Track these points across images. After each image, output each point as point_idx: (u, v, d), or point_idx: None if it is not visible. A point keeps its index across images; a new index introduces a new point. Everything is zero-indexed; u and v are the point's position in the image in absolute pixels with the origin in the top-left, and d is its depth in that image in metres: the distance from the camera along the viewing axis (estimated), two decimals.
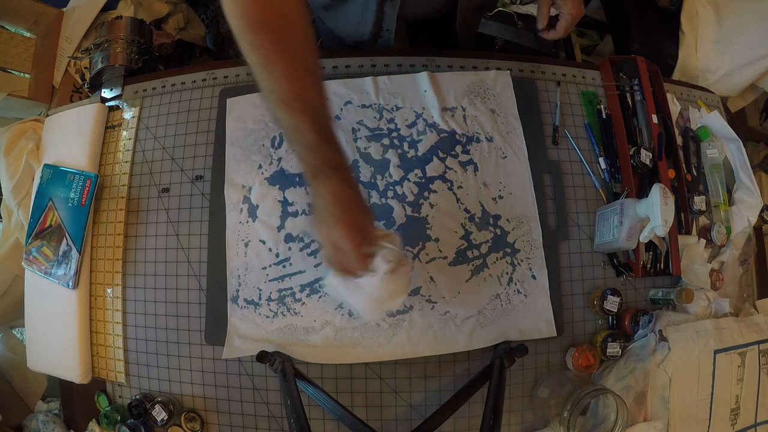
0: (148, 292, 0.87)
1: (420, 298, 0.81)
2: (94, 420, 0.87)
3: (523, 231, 0.85)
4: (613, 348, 0.81)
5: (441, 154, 0.87)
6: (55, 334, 0.90)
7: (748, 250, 0.96)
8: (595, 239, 0.88)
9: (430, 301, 0.81)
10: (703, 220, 0.94)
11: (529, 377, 0.82)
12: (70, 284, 0.88)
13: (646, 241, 0.78)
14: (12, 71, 1.18)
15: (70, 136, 0.96)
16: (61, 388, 0.95)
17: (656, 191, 0.73)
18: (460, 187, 0.86)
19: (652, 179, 0.89)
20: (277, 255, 0.83)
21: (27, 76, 1.19)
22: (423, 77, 0.91)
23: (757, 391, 0.86)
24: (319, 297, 0.81)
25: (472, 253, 0.83)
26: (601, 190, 0.91)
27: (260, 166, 0.88)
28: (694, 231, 0.93)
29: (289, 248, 0.83)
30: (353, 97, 0.91)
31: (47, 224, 0.91)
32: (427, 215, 0.84)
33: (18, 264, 0.97)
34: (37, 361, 0.94)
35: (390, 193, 0.85)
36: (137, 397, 0.84)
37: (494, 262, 0.83)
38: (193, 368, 0.84)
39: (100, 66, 1.01)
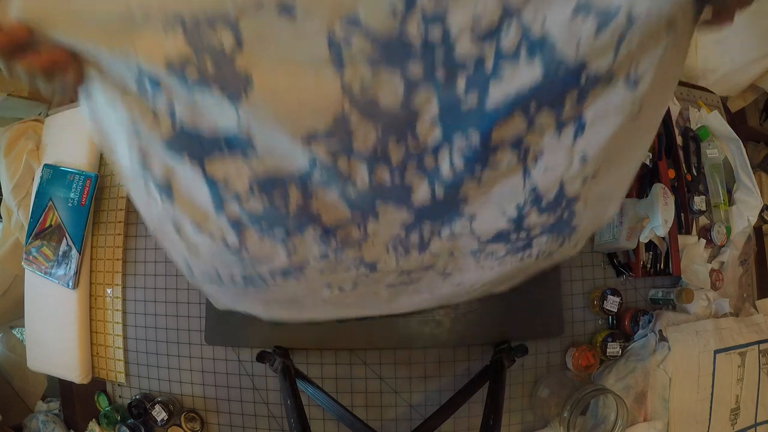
0: (148, 292, 0.87)
1: (433, 273, 0.61)
2: (94, 420, 0.87)
3: (596, 213, 0.59)
4: (613, 348, 0.81)
5: (533, 107, 0.46)
6: (55, 334, 0.90)
7: (748, 250, 0.96)
8: (595, 239, 0.88)
9: (444, 273, 0.62)
10: (703, 220, 0.94)
11: (529, 377, 0.82)
12: (70, 284, 0.88)
13: (646, 241, 0.78)
14: None
15: (70, 136, 0.96)
16: (61, 388, 0.95)
17: (656, 191, 0.73)
18: (537, 158, 0.51)
19: (652, 179, 0.89)
20: (225, 243, 0.60)
21: None
22: None
23: (757, 391, 0.86)
24: (298, 279, 0.62)
25: (518, 236, 0.58)
26: None
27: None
28: (694, 231, 0.93)
29: (241, 237, 0.59)
30: None
31: (47, 224, 0.91)
32: (467, 195, 0.54)
33: (18, 264, 0.97)
34: (37, 361, 0.94)
35: (412, 167, 0.51)
36: (137, 397, 0.84)
37: (541, 243, 0.59)
38: (193, 368, 0.84)
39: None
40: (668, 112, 0.96)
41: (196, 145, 0.50)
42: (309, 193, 0.53)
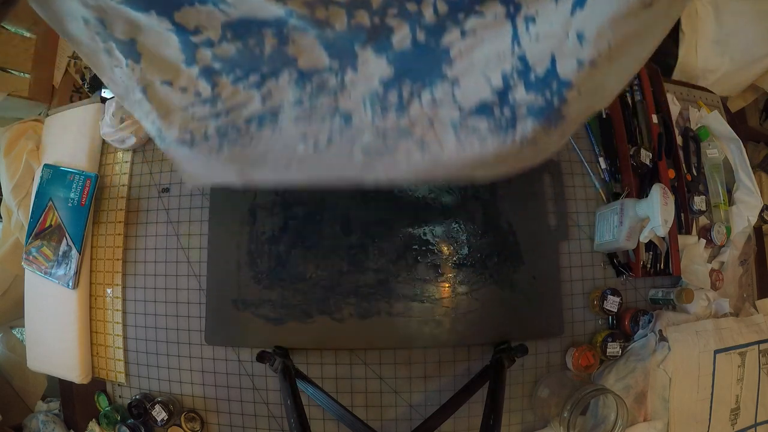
0: (148, 292, 0.87)
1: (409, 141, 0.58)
2: (94, 420, 0.87)
3: (588, 105, 0.55)
4: (613, 348, 0.81)
5: None
6: (55, 334, 0.90)
7: (748, 250, 0.96)
8: (595, 239, 0.88)
9: (422, 143, 0.58)
10: (703, 220, 0.94)
11: (529, 377, 0.82)
12: (70, 284, 0.88)
13: (646, 241, 0.78)
14: (12, 71, 1.18)
15: (70, 136, 0.96)
16: (61, 388, 0.95)
17: (656, 191, 0.73)
18: (528, 21, 0.50)
19: (652, 179, 0.89)
20: (198, 94, 0.60)
21: (27, 76, 1.19)
22: None
23: (757, 391, 0.86)
24: (273, 130, 0.60)
25: (502, 112, 0.55)
26: (601, 190, 0.91)
27: None
28: (694, 231, 0.93)
29: (214, 84, 0.59)
30: None
31: (47, 224, 0.91)
32: (450, 46, 0.53)
33: (18, 264, 0.97)
34: (37, 361, 0.94)
35: (392, 11, 0.52)
36: (137, 397, 0.84)
37: (526, 127, 0.55)
38: (193, 368, 0.84)
39: None
40: (668, 112, 0.96)
41: (162, 2, 0.51)
42: (284, 38, 0.53)
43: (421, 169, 0.61)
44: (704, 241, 0.91)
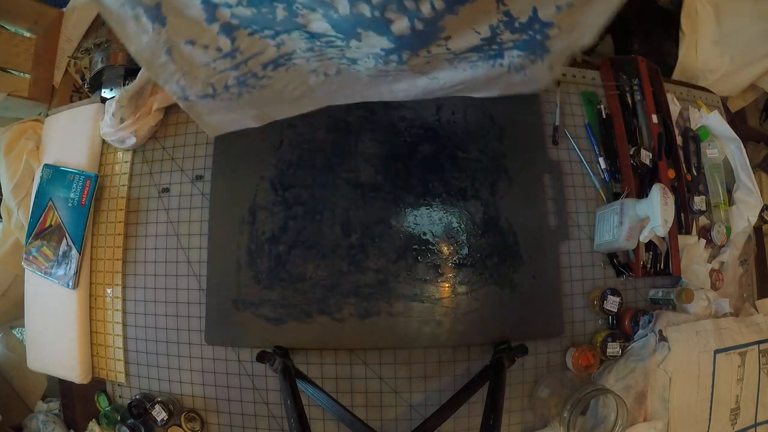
0: (148, 292, 0.87)
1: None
2: (94, 420, 0.87)
3: (571, 39, 0.63)
4: (613, 348, 0.81)
5: None
6: (55, 334, 0.90)
7: (748, 250, 0.97)
8: (595, 239, 0.88)
9: (421, 72, 0.68)
10: (703, 220, 0.94)
11: (529, 377, 0.82)
12: (70, 284, 0.88)
13: (646, 241, 0.78)
14: (12, 71, 1.18)
15: (70, 136, 0.96)
16: (61, 388, 0.95)
17: (656, 191, 0.73)
18: None
19: (652, 179, 0.89)
20: (219, 49, 0.67)
21: (27, 76, 1.19)
22: None
23: (757, 391, 0.86)
24: (287, 68, 0.68)
25: (490, 47, 0.63)
26: (601, 190, 0.91)
27: None
28: (694, 231, 0.93)
29: (233, 39, 0.66)
30: None
31: (47, 224, 0.91)
32: (445, 25, 0.60)
33: (18, 264, 0.97)
34: (37, 361, 0.94)
35: (391, 8, 0.59)
36: (137, 397, 0.84)
37: (513, 56, 0.64)
38: (193, 368, 0.84)
39: (100, 66, 1.01)
40: (668, 112, 0.96)
41: None
42: (294, 12, 0.60)
43: (420, 86, 0.70)
44: (704, 241, 0.91)
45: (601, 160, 0.92)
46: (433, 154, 0.88)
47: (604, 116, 0.94)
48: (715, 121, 1.00)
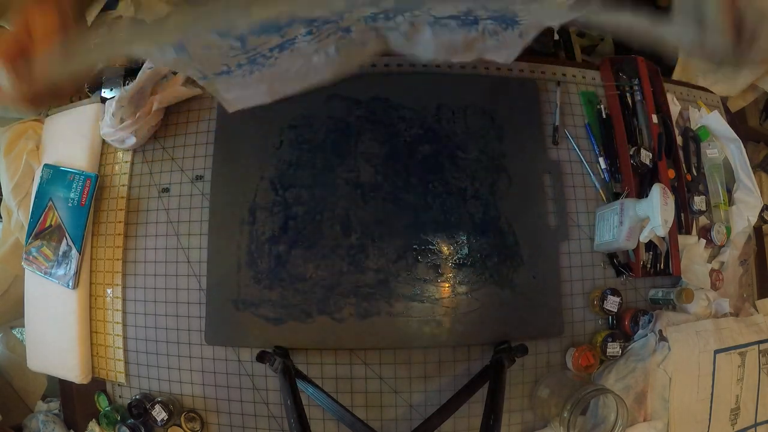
0: (148, 292, 0.87)
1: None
2: (94, 420, 0.87)
3: (540, 15, 0.70)
4: (613, 348, 0.81)
5: None
6: (55, 334, 0.90)
7: (748, 250, 0.97)
8: (595, 239, 0.88)
9: (405, 35, 0.75)
10: (703, 220, 0.94)
11: (529, 377, 0.82)
12: (70, 284, 0.88)
13: (646, 241, 0.78)
14: None
15: (70, 136, 0.96)
16: (61, 388, 0.95)
17: (656, 191, 0.73)
18: None
19: (652, 179, 0.89)
20: (232, 47, 0.73)
21: None
22: None
23: (757, 391, 0.86)
24: (291, 50, 0.75)
25: (467, 17, 0.72)
26: (601, 190, 0.91)
27: None
28: (694, 231, 0.93)
29: (244, 42, 0.72)
30: None
31: (47, 224, 0.91)
32: None
33: (18, 264, 0.97)
34: (37, 361, 0.94)
35: (380, 22, 0.68)
36: (137, 397, 0.84)
37: (487, 24, 0.72)
38: (193, 368, 0.84)
39: (99, 66, 1.01)
40: (668, 112, 0.96)
41: None
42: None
43: (406, 48, 0.76)
44: (704, 241, 0.91)
45: (601, 160, 0.92)
46: (433, 154, 0.88)
47: (604, 116, 0.94)
48: (715, 121, 1.00)
